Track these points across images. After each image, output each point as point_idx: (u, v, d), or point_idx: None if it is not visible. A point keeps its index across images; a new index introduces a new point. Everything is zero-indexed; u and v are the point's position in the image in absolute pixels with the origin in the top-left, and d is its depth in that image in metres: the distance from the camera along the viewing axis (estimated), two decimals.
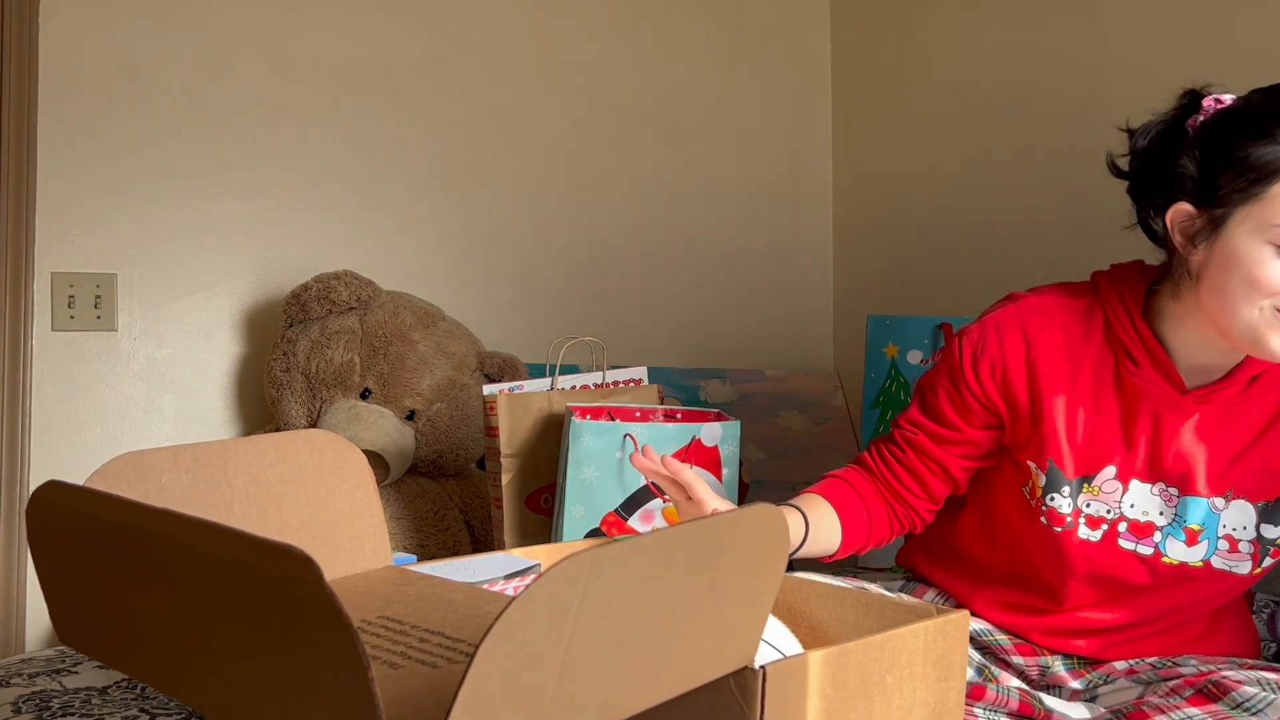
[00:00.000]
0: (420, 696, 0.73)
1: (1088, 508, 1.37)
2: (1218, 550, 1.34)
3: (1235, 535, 1.34)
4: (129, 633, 0.78)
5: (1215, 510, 1.34)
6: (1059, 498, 1.38)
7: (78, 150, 2.24)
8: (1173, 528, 1.35)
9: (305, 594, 0.58)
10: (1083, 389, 1.37)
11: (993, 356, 1.40)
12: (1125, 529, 1.37)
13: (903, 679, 0.99)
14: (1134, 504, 1.36)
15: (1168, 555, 1.35)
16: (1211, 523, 1.34)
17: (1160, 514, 1.35)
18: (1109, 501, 1.37)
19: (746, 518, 0.78)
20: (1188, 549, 1.35)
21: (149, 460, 0.99)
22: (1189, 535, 1.35)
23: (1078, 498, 1.37)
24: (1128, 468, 1.36)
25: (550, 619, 0.61)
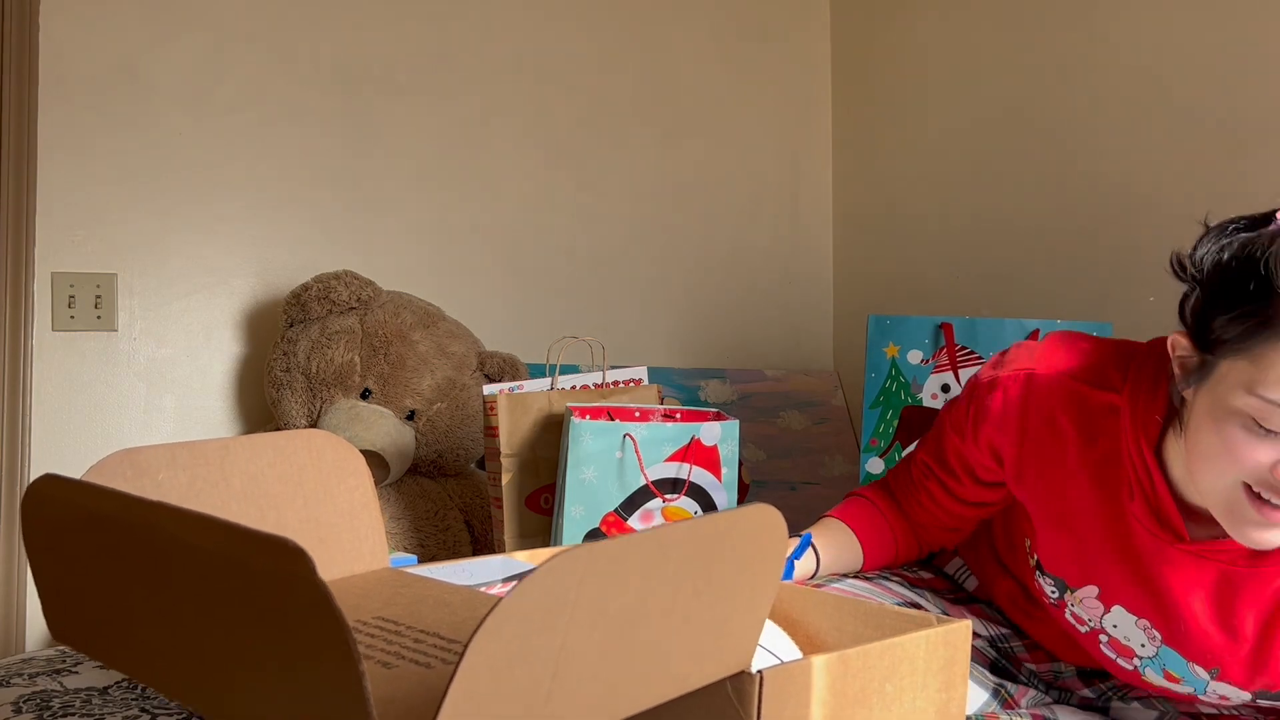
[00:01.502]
0: (413, 696, 0.73)
1: (1073, 606, 1.29)
2: (1208, 696, 1.24)
3: (1228, 697, 1.23)
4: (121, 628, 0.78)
5: (1201, 679, 1.22)
6: (1043, 580, 1.31)
7: (78, 150, 2.24)
8: (1152, 662, 1.25)
9: (297, 588, 0.58)
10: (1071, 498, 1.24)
11: (990, 433, 1.30)
12: (1106, 641, 1.28)
13: (902, 688, 0.99)
14: (1116, 625, 1.25)
15: (1147, 678, 1.27)
16: (1199, 686, 1.23)
17: (1142, 646, 1.24)
18: (1092, 613, 1.27)
19: (744, 518, 0.77)
20: (1169, 683, 1.25)
21: (146, 457, 0.98)
22: (1168, 676, 1.25)
23: (1064, 594, 1.29)
24: (1111, 595, 1.24)
25: (543, 617, 0.61)
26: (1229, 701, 1.24)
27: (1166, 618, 1.20)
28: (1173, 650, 1.21)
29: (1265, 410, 1.02)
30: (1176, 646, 1.21)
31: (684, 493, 1.87)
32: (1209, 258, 1.10)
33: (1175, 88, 2.36)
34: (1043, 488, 1.25)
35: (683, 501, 1.88)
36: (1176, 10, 2.36)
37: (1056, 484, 1.24)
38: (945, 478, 1.39)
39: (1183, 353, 1.12)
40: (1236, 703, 1.24)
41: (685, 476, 1.87)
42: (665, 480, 1.85)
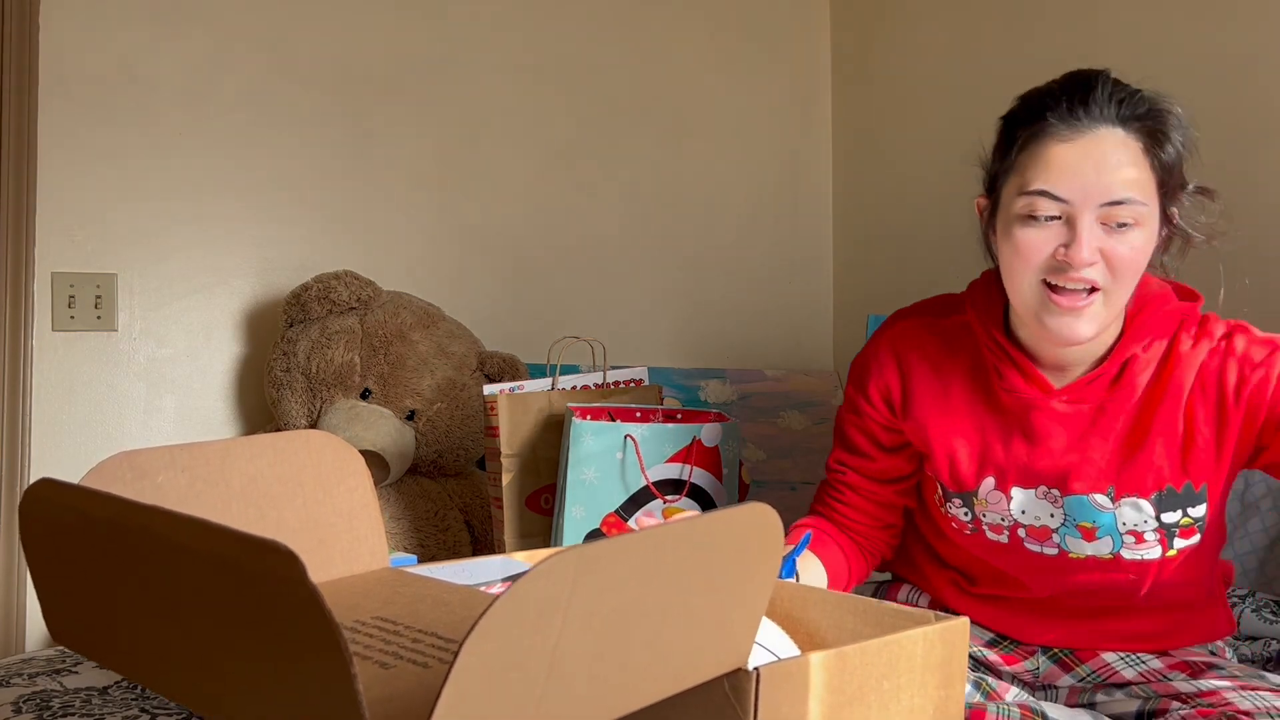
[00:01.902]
0: (410, 696, 0.73)
1: (985, 517, 1.39)
2: (1124, 545, 1.34)
3: (1138, 529, 1.33)
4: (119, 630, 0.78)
5: (1105, 509, 1.33)
6: (953, 507, 1.42)
7: (78, 150, 2.25)
8: (1067, 527, 1.35)
9: (289, 590, 0.58)
10: (955, 408, 1.40)
11: (876, 383, 1.45)
12: (1025, 534, 1.37)
13: (901, 685, 0.99)
14: (1024, 509, 1.36)
15: (1072, 551, 1.36)
16: (1108, 521, 1.33)
17: (1051, 516, 1.35)
18: (1000, 511, 1.37)
19: (740, 516, 0.77)
20: (1090, 544, 1.35)
21: (145, 459, 0.98)
22: (1084, 532, 1.34)
23: (974, 508, 1.40)
24: (1004, 477, 1.36)
25: (537, 616, 0.61)
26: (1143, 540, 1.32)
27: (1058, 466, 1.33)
28: (1073, 495, 1.33)
29: (1033, 202, 1.24)
30: (1074, 487, 1.33)
31: (685, 494, 1.88)
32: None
33: (1175, 88, 2.35)
34: (931, 407, 1.41)
35: (684, 502, 1.88)
36: (1176, 10, 2.36)
37: (940, 398, 1.41)
38: (857, 461, 1.51)
39: (982, 211, 1.36)
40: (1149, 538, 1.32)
41: (686, 478, 1.87)
42: (666, 481, 1.85)
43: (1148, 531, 1.32)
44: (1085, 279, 1.23)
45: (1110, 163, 1.22)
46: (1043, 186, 1.23)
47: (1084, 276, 1.23)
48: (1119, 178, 1.22)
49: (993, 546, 1.41)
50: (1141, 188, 1.23)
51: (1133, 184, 1.22)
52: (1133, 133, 1.24)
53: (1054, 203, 1.23)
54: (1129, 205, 1.22)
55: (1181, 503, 1.31)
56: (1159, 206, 1.26)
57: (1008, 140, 1.30)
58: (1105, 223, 1.23)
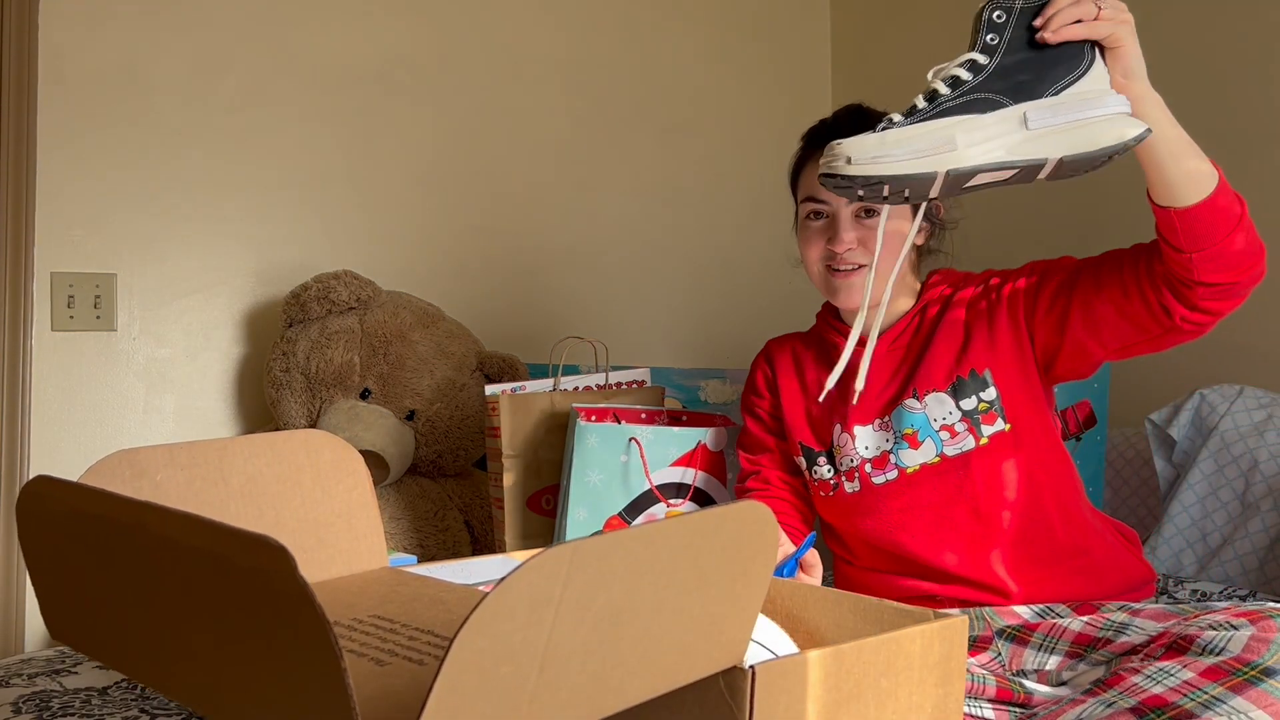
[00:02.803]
0: (405, 693, 0.73)
1: (841, 465, 1.64)
2: (944, 443, 1.56)
3: (947, 422, 1.56)
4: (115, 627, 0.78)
5: (915, 410, 1.57)
6: (818, 468, 1.68)
7: (77, 150, 2.25)
8: (897, 445, 1.59)
9: (279, 585, 0.58)
10: (809, 381, 1.72)
11: (759, 375, 1.80)
12: (870, 469, 1.61)
13: (899, 683, 0.99)
14: (866, 445, 1.62)
15: (907, 465, 1.58)
16: (922, 423, 1.57)
17: (886, 441, 1.60)
18: (849, 453, 1.63)
19: (734, 514, 0.77)
20: (916, 451, 1.58)
21: (144, 457, 0.99)
22: (909, 440, 1.58)
23: (834, 460, 1.66)
24: (847, 419, 1.63)
25: (529, 611, 0.61)
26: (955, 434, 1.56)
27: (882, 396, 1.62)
28: (893, 411, 1.60)
29: (806, 207, 1.63)
30: (890, 404, 1.61)
31: (689, 498, 1.87)
32: None
33: (1175, 87, 2.35)
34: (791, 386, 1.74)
35: (687, 506, 1.87)
36: (1175, 10, 2.36)
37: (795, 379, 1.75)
38: (765, 456, 1.77)
39: None
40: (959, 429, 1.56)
41: (690, 482, 1.86)
42: (670, 485, 1.85)
43: (955, 422, 1.55)
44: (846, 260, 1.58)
45: None
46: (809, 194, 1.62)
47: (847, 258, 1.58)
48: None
49: (852, 501, 1.64)
50: None
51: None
52: None
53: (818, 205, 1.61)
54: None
55: (972, 389, 1.55)
56: None
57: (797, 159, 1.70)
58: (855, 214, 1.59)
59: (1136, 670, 1.23)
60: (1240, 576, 1.89)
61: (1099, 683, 1.26)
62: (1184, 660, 1.21)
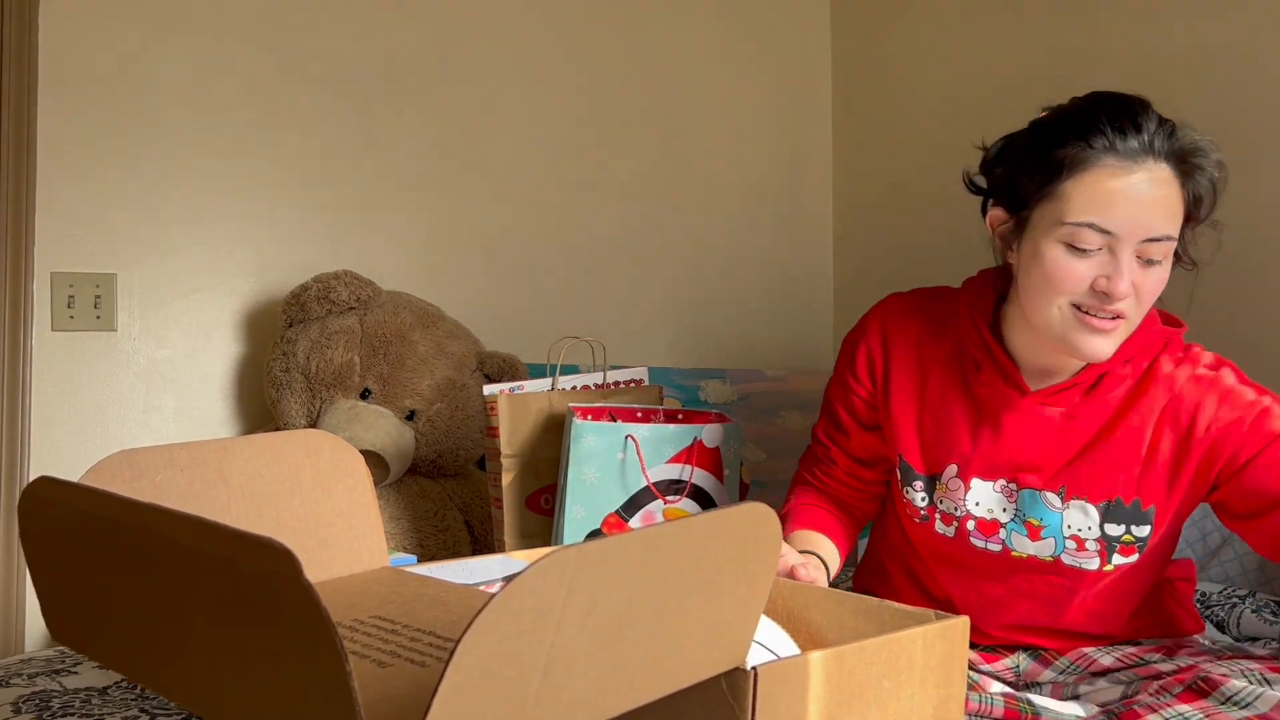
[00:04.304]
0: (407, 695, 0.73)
1: (941, 504, 1.44)
2: (1066, 549, 1.38)
3: (1081, 535, 1.37)
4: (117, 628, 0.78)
5: (1055, 509, 1.37)
6: (912, 491, 1.46)
7: (78, 150, 2.25)
8: (1015, 523, 1.39)
9: (284, 588, 0.58)
10: (931, 390, 1.45)
11: (863, 355, 1.52)
12: (974, 527, 1.42)
13: (900, 684, 0.99)
14: (979, 501, 1.41)
15: (1015, 549, 1.40)
16: (1054, 522, 1.37)
17: (1004, 510, 1.40)
18: (955, 500, 1.42)
19: (737, 516, 0.77)
20: (1033, 543, 1.39)
21: (144, 458, 0.98)
22: (1030, 530, 1.39)
23: (932, 493, 1.45)
24: (967, 466, 1.41)
25: (534, 614, 0.61)
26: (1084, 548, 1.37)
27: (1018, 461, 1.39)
28: (1027, 490, 1.38)
29: (1075, 233, 1.26)
30: (1029, 481, 1.38)
31: (686, 494, 1.87)
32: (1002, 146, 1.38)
33: (1175, 87, 2.36)
34: (908, 385, 1.47)
35: (684, 503, 1.87)
36: (1176, 10, 2.36)
37: (918, 379, 1.46)
38: (841, 439, 1.58)
39: (1000, 225, 1.37)
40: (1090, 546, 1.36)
41: (687, 478, 1.86)
42: (667, 482, 1.85)
43: (1089, 540, 1.36)
44: (1117, 309, 1.28)
45: (1156, 199, 1.25)
46: (1092, 220, 1.26)
47: (1116, 307, 1.27)
48: (1161, 214, 1.26)
49: (939, 540, 1.46)
50: (1175, 223, 1.28)
51: (1170, 220, 1.27)
52: (1174, 169, 1.27)
53: (1099, 235, 1.26)
54: (1164, 241, 1.27)
55: (1128, 518, 1.35)
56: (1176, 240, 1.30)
57: (1046, 163, 1.29)
58: (1140, 256, 1.27)
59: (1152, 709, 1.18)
60: (1240, 576, 1.89)
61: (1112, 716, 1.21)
62: (1203, 708, 1.15)
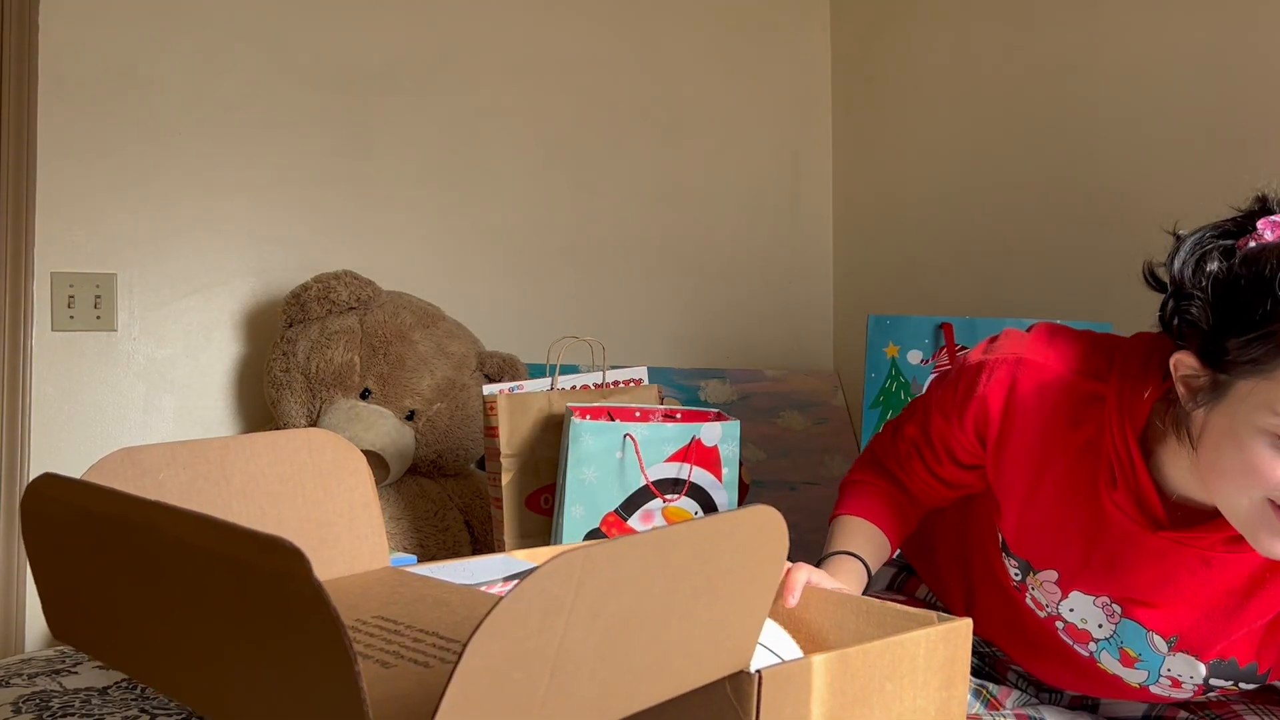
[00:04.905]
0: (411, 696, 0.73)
1: (1034, 590, 1.30)
2: (1159, 683, 1.26)
3: (1180, 679, 1.24)
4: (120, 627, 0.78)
5: (1159, 652, 1.23)
6: (1008, 560, 1.32)
7: (78, 150, 2.24)
8: (1109, 643, 1.26)
9: (293, 587, 0.58)
10: (1049, 481, 1.24)
11: (976, 411, 1.27)
12: (1063, 628, 1.29)
13: (903, 686, 0.99)
14: (1073, 609, 1.27)
15: (1103, 664, 1.28)
16: (1155, 663, 1.24)
17: (1099, 626, 1.25)
18: (1049, 599, 1.28)
19: (744, 519, 0.77)
20: (1124, 668, 1.26)
21: (146, 456, 0.98)
22: (1125, 657, 1.25)
23: (1026, 576, 1.30)
24: (1071, 579, 1.25)
25: (541, 617, 0.61)
26: (1179, 686, 1.23)
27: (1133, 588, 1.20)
28: (1133, 622, 1.21)
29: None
30: (1139, 617, 1.21)
31: (684, 493, 1.87)
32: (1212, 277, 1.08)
33: (1176, 87, 2.36)
34: (1022, 469, 1.24)
35: (683, 502, 1.87)
36: (1176, 10, 2.36)
37: (1035, 466, 1.23)
38: (929, 456, 1.38)
39: (1188, 372, 1.09)
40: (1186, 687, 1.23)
41: (686, 477, 1.86)
42: (666, 480, 1.85)
43: (1188, 684, 1.23)
44: None
45: None
46: None
47: None
48: None
49: (1027, 612, 1.32)
50: None
51: None
52: None
53: None
54: None
55: (1239, 677, 1.22)
56: None
57: (1271, 332, 1.01)
58: None
59: None
60: None
61: None
62: None
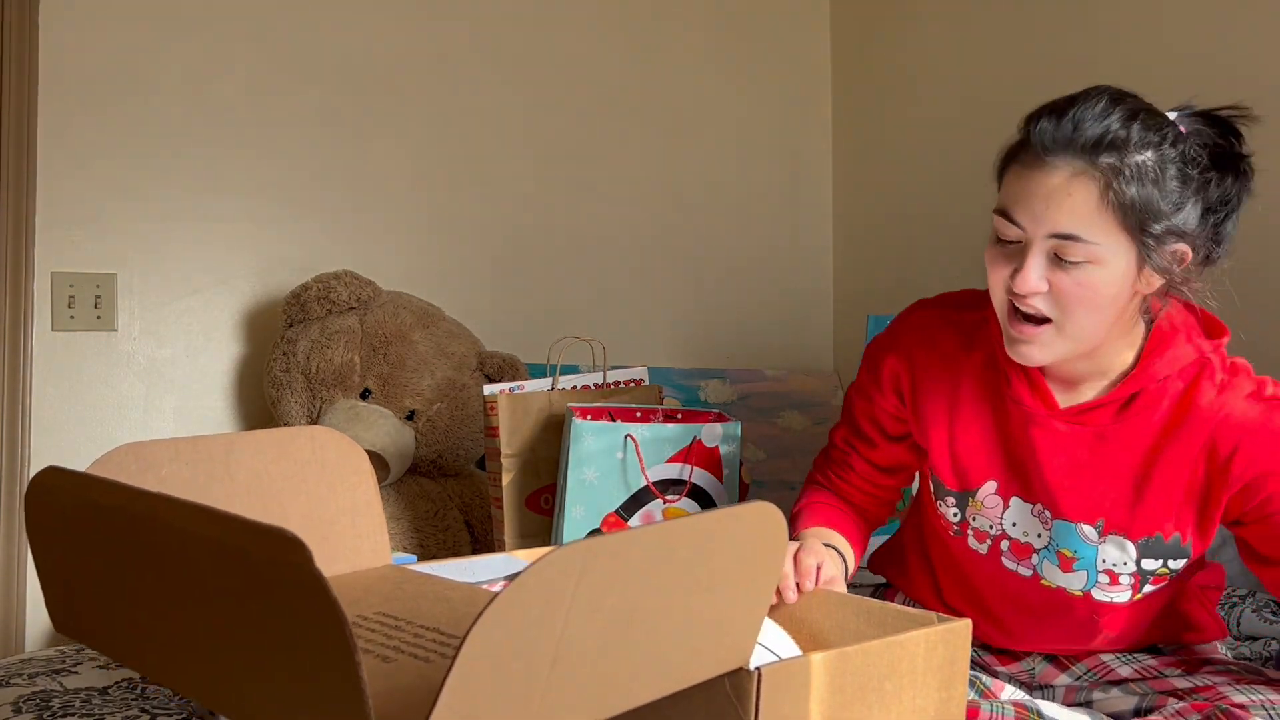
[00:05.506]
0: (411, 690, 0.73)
1: (974, 521, 1.37)
2: (1098, 583, 1.32)
3: (1115, 570, 1.30)
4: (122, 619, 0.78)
5: (1090, 542, 1.30)
6: (945, 505, 1.40)
7: (78, 150, 2.25)
8: (1048, 551, 1.33)
9: (294, 576, 0.58)
10: (963, 404, 1.36)
11: (888, 370, 1.42)
12: (1007, 548, 1.36)
13: (902, 685, 0.99)
14: (1015, 523, 1.34)
15: (1045, 578, 1.34)
16: (1089, 555, 1.31)
17: (1038, 536, 1.33)
18: (991, 517, 1.36)
19: (744, 516, 0.77)
20: (1064, 575, 1.33)
21: (150, 451, 0.99)
22: (1063, 560, 1.32)
23: (965, 509, 1.38)
24: (1008, 484, 1.34)
25: (541, 610, 0.61)
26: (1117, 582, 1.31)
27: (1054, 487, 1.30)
28: (1062, 521, 1.31)
29: (995, 223, 1.24)
30: (1065, 512, 1.30)
31: (685, 494, 1.87)
32: None
33: (1176, 86, 2.36)
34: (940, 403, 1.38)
35: (684, 503, 1.87)
36: (1176, 9, 2.36)
37: (949, 394, 1.37)
38: (862, 447, 1.50)
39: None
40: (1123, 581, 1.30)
41: (686, 478, 1.86)
42: (666, 481, 1.85)
43: (1124, 575, 1.30)
44: (1032, 306, 1.21)
45: (1059, 194, 1.18)
46: (1004, 207, 1.23)
47: (1031, 304, 1.21)
48: (1064, 211, 1.17)
49: (971, 556, 1.40)
50: (1090, 225, 1.17)
51: (1079, 220, 1.17)
52: (1094, 165, 1.17)
53: (1014, 227, 1.21)
54: (1074, 242, 1.17)
55: (1166, 553, 1.29)
56: (1134, 249, 1.19)
57: (1003, 152, 1.27)
58: (1058, 255, 1.19)
59: None
60: (1240, 576, 1.88)
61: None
62: None
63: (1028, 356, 1.24)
